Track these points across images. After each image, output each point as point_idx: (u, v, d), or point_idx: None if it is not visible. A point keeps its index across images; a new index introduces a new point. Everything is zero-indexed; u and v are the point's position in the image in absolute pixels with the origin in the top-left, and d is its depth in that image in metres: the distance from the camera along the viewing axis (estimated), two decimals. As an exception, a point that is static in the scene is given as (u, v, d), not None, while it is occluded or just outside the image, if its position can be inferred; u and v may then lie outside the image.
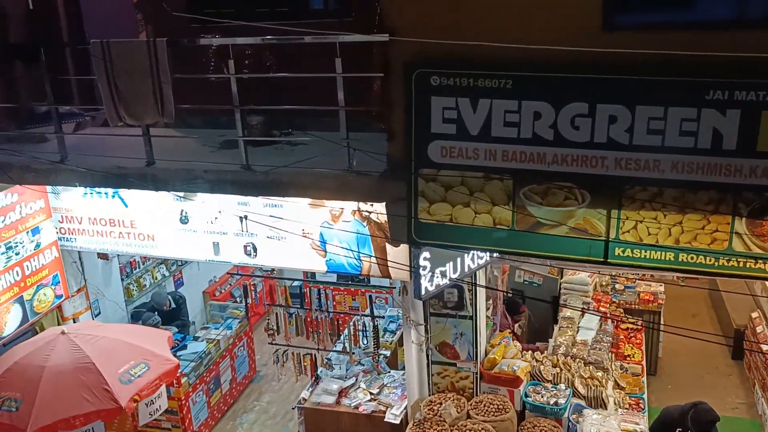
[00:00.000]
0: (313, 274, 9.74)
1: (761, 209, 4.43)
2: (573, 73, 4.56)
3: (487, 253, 6.28)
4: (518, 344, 7.90)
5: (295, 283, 9.33)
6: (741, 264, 4.61)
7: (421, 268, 5.88)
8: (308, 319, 8.29)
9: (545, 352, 8.09)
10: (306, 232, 6.48)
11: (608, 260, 4.94)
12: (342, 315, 8.91)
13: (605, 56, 4.38)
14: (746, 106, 4.23)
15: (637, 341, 8.95)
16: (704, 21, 4.51)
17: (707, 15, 4.58)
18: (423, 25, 4.84)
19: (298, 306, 8.35)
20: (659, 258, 4.81)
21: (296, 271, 9.25)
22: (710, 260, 4.68)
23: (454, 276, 6.17)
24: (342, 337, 8.54)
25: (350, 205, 6.28)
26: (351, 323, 8.42)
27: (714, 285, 10.80)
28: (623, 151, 4.57)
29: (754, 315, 9.56)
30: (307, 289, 8.37)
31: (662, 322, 9.57)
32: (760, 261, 4.55)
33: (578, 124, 4.63)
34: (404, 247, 6.08)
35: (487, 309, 7.77)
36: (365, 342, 8.31)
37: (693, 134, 4.39)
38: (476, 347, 7.10)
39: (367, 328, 8.21)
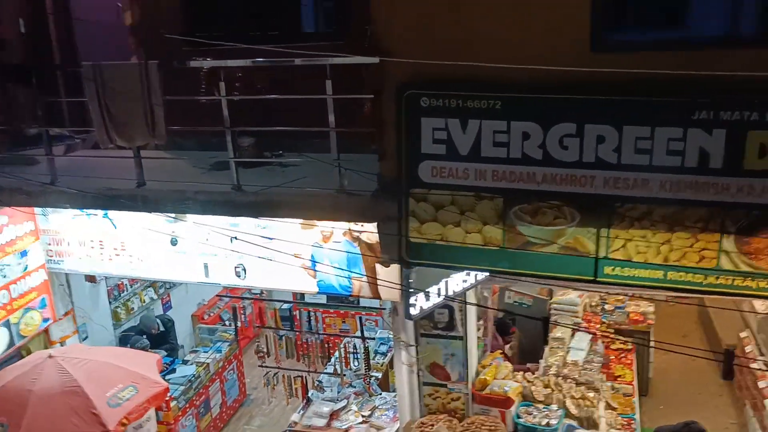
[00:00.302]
0: (302, 296, 9.72)
1: (749, 227, 4.47)
2: (560, 93, 4.62)
3: (472, 276, 6.29)
4: (509, 365, 7.87)
5: (285, 306, 9.30)
6: (729, 281, 4.65)
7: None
8: (298, 342, 8.25)
9: (536, 372, 8.07)
10: (297, 253, 6.48)
11: (598, 279, 4.97)
12: (332, 337, 8.87)
13: (592, 77, 4.45)
14: (732, 125, 4.30)
15: (628, 361, 8.95)
16: (690, 42, 4.59)
17: (693, 36, 4.68)
18: (413, 47, 4.90)
19: (288, 328, 8.33)
20: (648, 276, 4.84)
21: (285, 294, 9.24)
22: (699, 278, 4.72)
23: (438, 299, 6.16)
24: (333, 360, 8.51)
25: (341, 226, 6.29)
26: (341, 345, 8.39)
27: (703, 303, 10.88)
28: (612, 171, 4.62)
29: (743, 335, 9.58)
30: (297, 311, 8.35)
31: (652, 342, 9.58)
32: (748, 278, 4.59)
33: (567, 144, 4.68)
34: (394, 267, 6.08)
35: (478, 330, 7.76)
36: (356, 364, 8.27)
37: (680, 153, 4.44)
38: (467, 368, 7.06)
39: (358, 350, 8.17)
